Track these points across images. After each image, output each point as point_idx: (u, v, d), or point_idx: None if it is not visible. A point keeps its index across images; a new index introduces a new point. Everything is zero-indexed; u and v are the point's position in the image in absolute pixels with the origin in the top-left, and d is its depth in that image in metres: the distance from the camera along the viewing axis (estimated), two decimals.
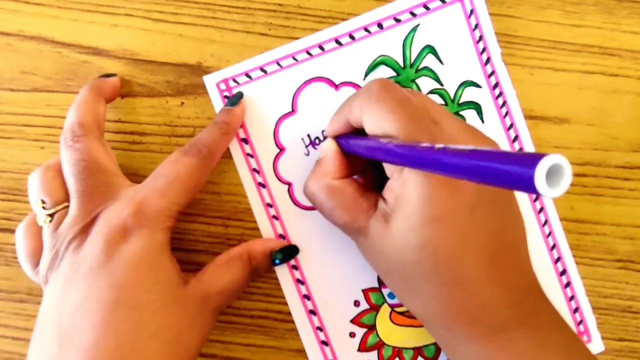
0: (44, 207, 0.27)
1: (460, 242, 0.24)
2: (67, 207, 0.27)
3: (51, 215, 0.27)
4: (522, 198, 0.32)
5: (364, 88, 0.27)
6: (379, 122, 0.25)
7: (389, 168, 0.26)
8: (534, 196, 0.32)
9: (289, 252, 0.31)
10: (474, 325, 0.25)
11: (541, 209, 0.32)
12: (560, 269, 0.32)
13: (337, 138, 0.29)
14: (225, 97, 0.31)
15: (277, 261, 0.30)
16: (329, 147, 0.28)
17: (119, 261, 0.25)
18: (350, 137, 0.28)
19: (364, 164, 0.30)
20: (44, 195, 0.28)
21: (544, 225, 0.32)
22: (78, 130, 0.28)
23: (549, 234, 0.32)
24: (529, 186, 0.14)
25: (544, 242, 0.32)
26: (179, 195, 0.27)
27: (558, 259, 0.32)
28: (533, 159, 0.14)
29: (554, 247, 0.32)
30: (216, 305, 0.28)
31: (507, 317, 0.25)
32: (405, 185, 0.24)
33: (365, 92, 0.26)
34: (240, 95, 0.31)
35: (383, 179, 0.27)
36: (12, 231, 0.33)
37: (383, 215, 0.26)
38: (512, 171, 0.14)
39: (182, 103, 0.32)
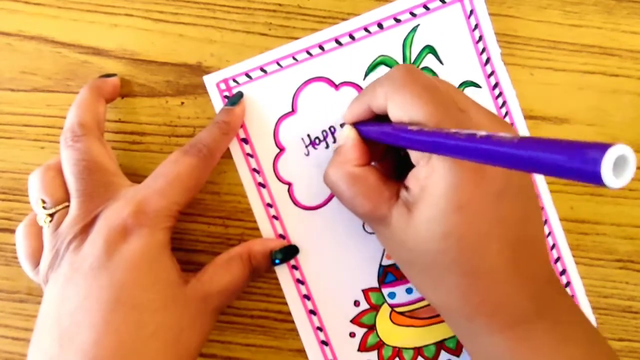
0: (44, 207, 0.27)
1: (485, 231, 0.24)
2: (68, 207, 0.27)
3: (51, 215, 0.27)
4: None
5: (388, 74, 0.27)
6: (406, 109, 0.24)
7: (414, 155, 0.25)
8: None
9: (288, 252, 0.31)
10: (495, 316, 0.25)
11: (541, 209, 0.32)
12: (560, 269, 0.32)
13: (356, 125, 0.28)
14: (226, 97, 0.31)
15: (277, 261, 0.30)
16: (349, 134, 0.28)
17: (119, 261, 0.25)
18: (371, 123, 0.27)
19: (382, 152, 0.29)
20: (44, 195, 0.28)
21: (544, 224, 0.32)
22: (78, 130, 0.28)
23: (549, 233, 0.32)
24: (594, 177, 0.13)
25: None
26: (179, 195, 0.27)
27: (558, 259, 0.32)
28: (599, 150, 0.13)
29: (553, 246, 0.32)
30: (216, 305, 0.28)
31: (528, 309, 0.25)
32: (432, 173, 0.24)
33: (390, 78, 0.26)
34: (240, 95, 0.31)
35: (402, 167, 0.26)
36: (12, 231, 0.33)
37: (405, 204, 0.25)
38: (576, 163, 0.14)
39: (182, 103, 0.32)
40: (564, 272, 0.32)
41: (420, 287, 0.27)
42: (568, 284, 0.32)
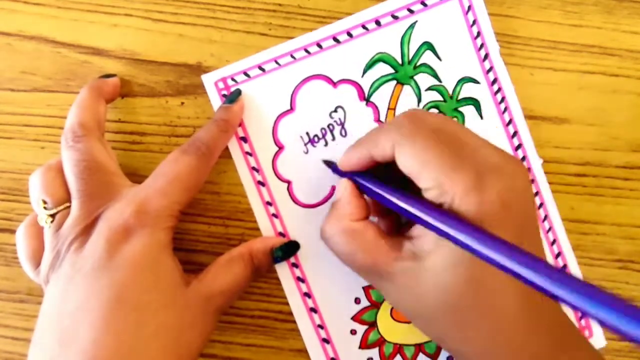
0: (45, 207, 0.27)
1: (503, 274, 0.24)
2: (69, 207, 0.27)
3: (52, 216, 0.27)
4: None
5: (394, 122, 0.26)
6: (418, 157, 0.24)
7: None
8: (534, 191, 0.32)
9: (289, 249, 0.31)
10: (519, 353, 0.24)
11: (541, 205, 0.32)
12: (561, 264, 0.32)
13: (354, 176, 0.28)
14: (224, 95, 0.31)
15: (278, 258, 0.30)
16: (345, 187, 0.27)
17: (120, 261, 0.25)
18: (370, 180, 0.27)
19: (382, 209, 0.29)
20: (45, 196, 0.28)
21: (543, 220, 0.32)
22: (79, 130, 0.28)
23: (549, 229, 0.32)
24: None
25: (545, 238, 0.32)
26: (180, 194, 0.27)
27: (558, 254, 0.32)
28: None
29: (554, 242, 0.32)
30: (218, 306, 0.28)
31: (548, 349, 0.24)
32: None
33: (396, 125, 0.25)
34: (238, 93, 0.31)
35: (402, 221, 0.26)
36: (12, 231, 0.33)
37: (412, 256, 0.24)
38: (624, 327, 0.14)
39: (182, 103, 0.32)
40: (564, 267, 0.32)
41: (439, 339, 0.26)
42: None
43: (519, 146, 0.32)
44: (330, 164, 0.30)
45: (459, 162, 0.23)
